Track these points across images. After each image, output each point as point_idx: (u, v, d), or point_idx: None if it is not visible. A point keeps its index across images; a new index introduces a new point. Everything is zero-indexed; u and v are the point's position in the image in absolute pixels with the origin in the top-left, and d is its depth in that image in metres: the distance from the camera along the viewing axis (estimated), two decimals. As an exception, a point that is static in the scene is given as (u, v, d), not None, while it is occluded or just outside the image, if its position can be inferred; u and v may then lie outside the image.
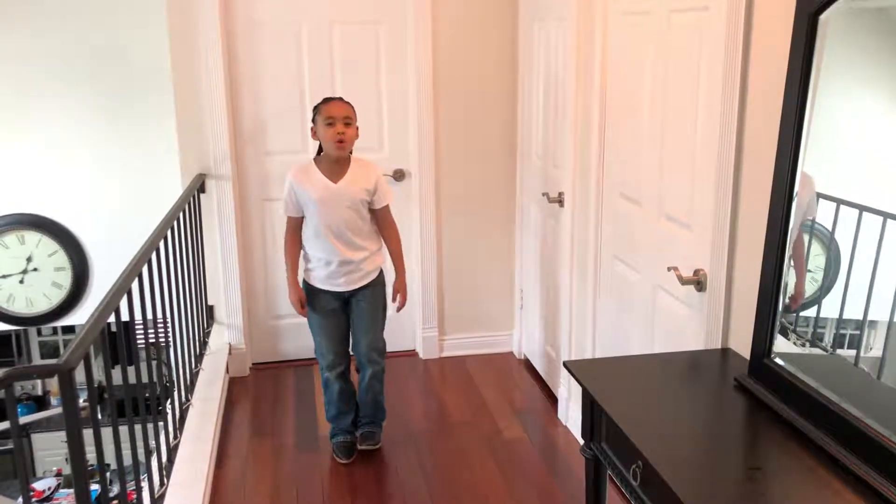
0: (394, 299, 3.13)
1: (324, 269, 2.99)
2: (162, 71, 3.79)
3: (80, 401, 3.70)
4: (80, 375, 1.74)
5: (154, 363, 2.78)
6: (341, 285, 3.01)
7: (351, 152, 3.01)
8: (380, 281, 3.09)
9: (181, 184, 3.72)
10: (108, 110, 4.43)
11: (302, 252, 3.06)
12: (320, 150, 2.99)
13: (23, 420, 5.45)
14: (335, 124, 2.86)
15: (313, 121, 2.94)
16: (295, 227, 3.03)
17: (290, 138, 3.86)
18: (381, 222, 3.04)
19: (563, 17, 3.19)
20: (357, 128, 2.96)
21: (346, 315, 3.09)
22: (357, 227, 2.97)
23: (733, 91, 1.98)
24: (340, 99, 2.96)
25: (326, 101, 2.94)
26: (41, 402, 5.81)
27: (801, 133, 1.66)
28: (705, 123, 2.17)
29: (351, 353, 3.16)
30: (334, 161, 2.94)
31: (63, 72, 4.38)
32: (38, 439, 5.57)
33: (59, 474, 5.06)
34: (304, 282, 3.09)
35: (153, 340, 2.72)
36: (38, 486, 4.75)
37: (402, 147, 3.96)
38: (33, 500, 4.56)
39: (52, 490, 4.75)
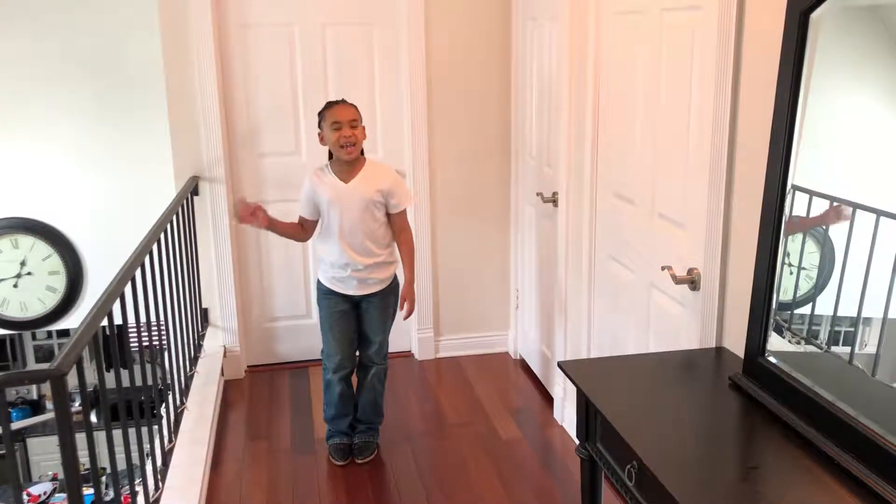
0: (401, 307, 3.09)
1: (337, 272, 2.99)
2: (155, 74, 3.78)
3: (76, 404, 3.70)
4: (74, 380, 1.73)
5: (148, 366, 2.77)
6: (353, 289, 3.02)
7: (363, 154, 3.02)
8: (392, 288, 3.09)
9: (175, 186, 3.71)
10: (102, 113, 4.42)
11: (316, 254, 3.04)
12: (332, 154, 2.98)
13: (18, 425, 5.43)
14: (342, 128, 2.85)
15: (319, 126, 2.92)
16: (301, 222, 3.04)
17: (283, 140, 3.86)
18: (396, 227, 3.03)
19: (557, 16, 3.19)
20: (364, 128, 2.95)
21: (356, 316, 3.10)
22: (371, 230, 2.95)
23: (726, 89, 1.98)
24: (344, 101, 2.93)
25: (330, 105, 2.92)
26: (36, 406, 5.79)
27: (793, 131, 1.66)
28: (698, 122, 2.17)
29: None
30: (345, 163, 2.93)
31: (57, 75, 4.37)
32: (34, 443, 5.55)
33: (54, 479, 5.05)
34: (318, 281, 3.10)
35: (147, 344, 2.71)
36: (34, 490, 4.75)
37: (397, 148, 3.95)
38: (29, 504, 4.55)
39: (47, 495, 4.74)
